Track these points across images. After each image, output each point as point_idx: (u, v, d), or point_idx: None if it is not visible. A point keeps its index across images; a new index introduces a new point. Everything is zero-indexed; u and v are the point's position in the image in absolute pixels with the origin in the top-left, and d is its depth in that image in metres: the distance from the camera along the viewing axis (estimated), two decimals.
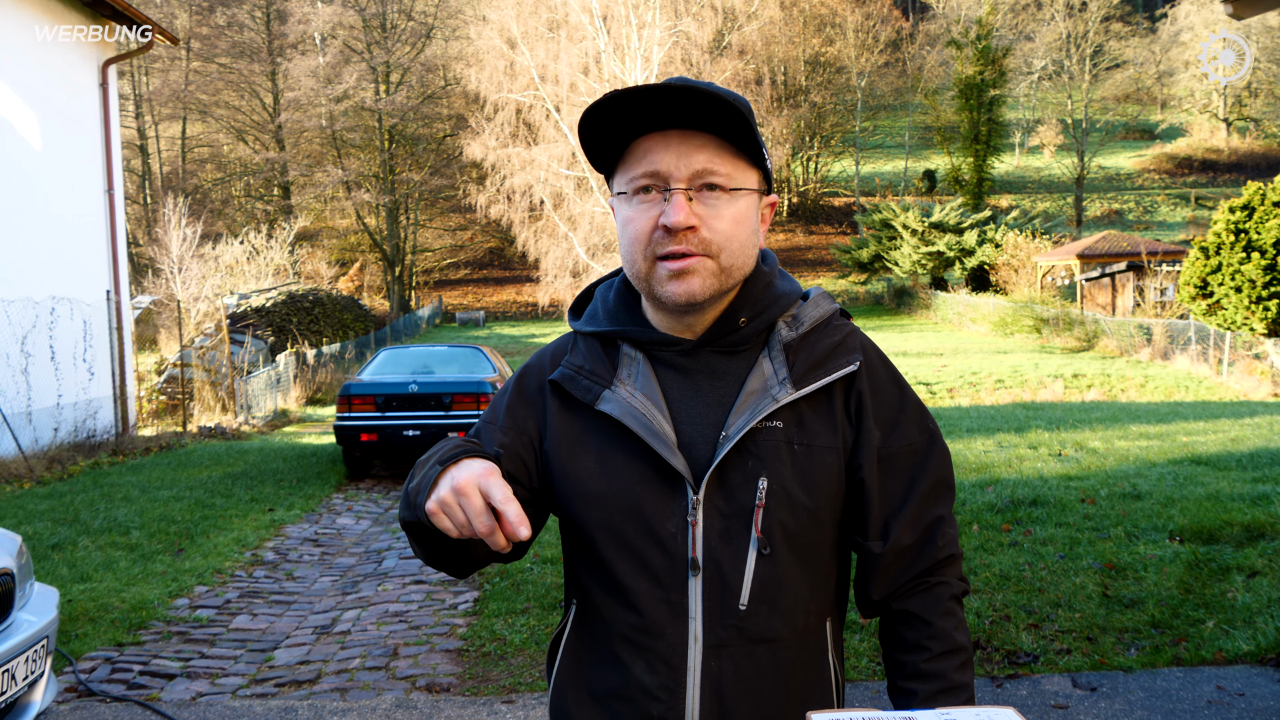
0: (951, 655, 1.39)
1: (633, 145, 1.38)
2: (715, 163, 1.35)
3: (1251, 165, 62.72)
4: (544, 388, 1.48)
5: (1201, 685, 4.28)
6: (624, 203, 1.40)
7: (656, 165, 1.35)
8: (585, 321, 1.50)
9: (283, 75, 51.08)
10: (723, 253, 1.36)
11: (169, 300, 27.40)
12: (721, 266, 1.37)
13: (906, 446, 1.45)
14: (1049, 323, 33.53)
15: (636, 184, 1.37)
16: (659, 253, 1.36)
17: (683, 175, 1.34)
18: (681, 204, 1.34)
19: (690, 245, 1.35)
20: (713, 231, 1.36)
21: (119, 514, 8.89)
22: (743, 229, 1.39)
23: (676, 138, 1.35)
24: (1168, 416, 13.44)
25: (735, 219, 1.37)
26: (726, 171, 1.36)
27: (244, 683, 4.90)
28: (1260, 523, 6.43)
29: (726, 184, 1.36)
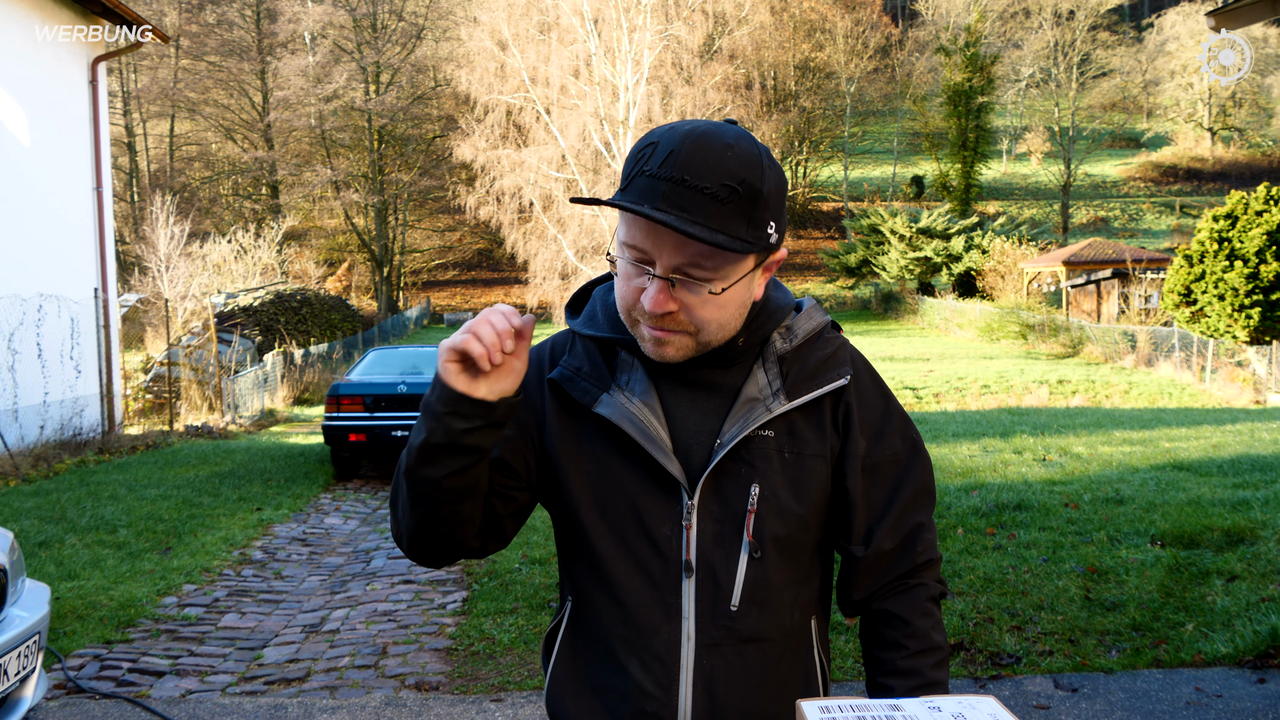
0: (928, 654, 1.45)
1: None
2: (701, 259, 1.32)
3: (1235, 174, 63.15)
4: (543, 384, 1.51)
5: (1180, 687, 4.34)
6: (619, 254, 1.39)
7: (643, 245, 1.33)
8: (584, 323, 1.52)
9: (272, 74, 50.97)
10: (701, 332, 1.37)
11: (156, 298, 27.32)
12: (699, 342, 1.39)
13: (890, 456, 1.50)
14: (1035, 329, 33.71)
15: (626, 252, 1.36)
16: (640, 319, 1.38)
17: (665, 265, 1.32)
18: (658, 292, 1.33)
19: (668, 325, 1.36)
20: (692, 316, 1.36)
21: (106, 512, 8.89)
22: (725, 312, 1.37)
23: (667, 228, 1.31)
24: (1151, 423, 13.55)
25: (719, 305, 1.36)
26: (713, 267, 1.33)
27: (233, 680, 4.93)
28: (1240, 528, 6.51)
29: (713, 279, 1.34)
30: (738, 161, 1.30)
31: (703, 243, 1.28)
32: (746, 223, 1.31)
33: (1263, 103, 68.94)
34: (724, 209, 1.29)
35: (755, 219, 1.32)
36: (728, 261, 1.33)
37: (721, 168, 1.29)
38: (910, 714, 1.13)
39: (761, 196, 1.32)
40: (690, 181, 1.28)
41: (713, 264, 1.32)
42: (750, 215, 1.31)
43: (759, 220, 1.33)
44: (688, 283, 1.33)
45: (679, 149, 1.30)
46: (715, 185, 1.28)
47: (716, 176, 1.29)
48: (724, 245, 1.28)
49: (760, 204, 1.32)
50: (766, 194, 1.33)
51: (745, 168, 1.31)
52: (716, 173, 1.29)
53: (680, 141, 1.30)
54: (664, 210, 1.28)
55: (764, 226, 1.34)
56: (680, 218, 1.27)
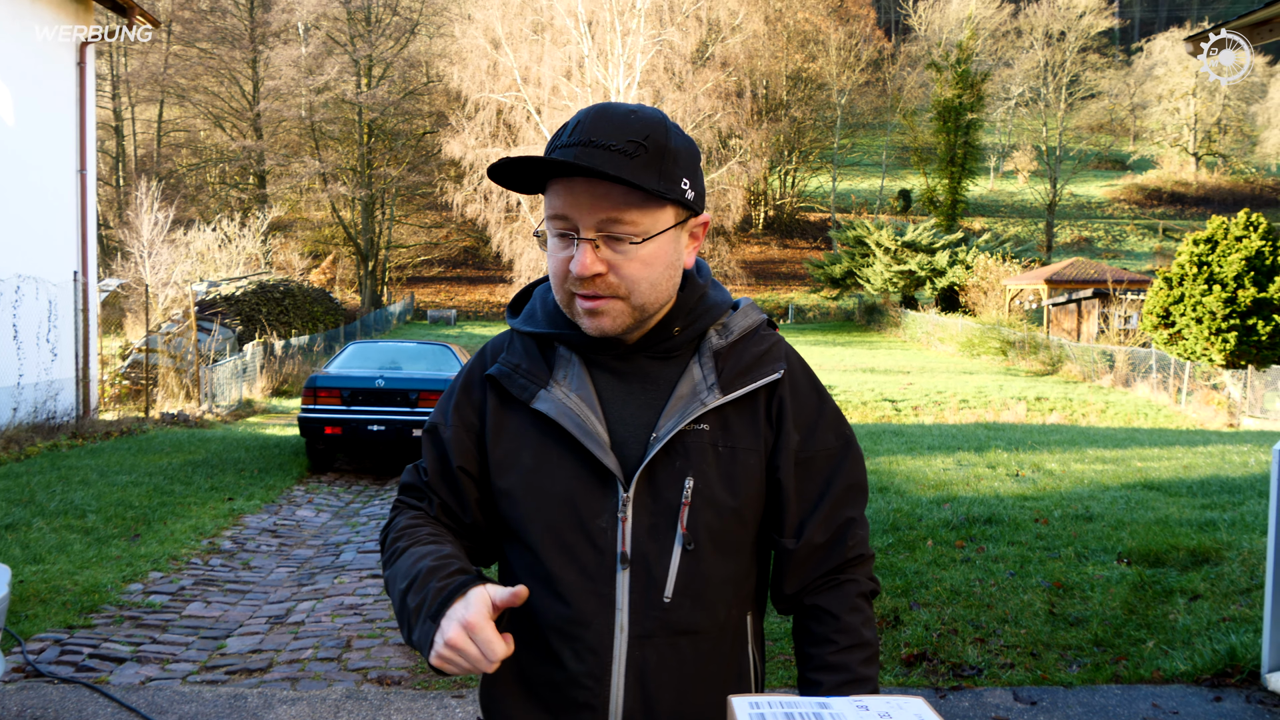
0: (857, 649, 1.46)
1: (549, 182, 1.42)
2: (621, 212, 1.37)
3: (1218, 200, 63.69)
4: (485, 384, 1.53)
5: (1138, 702, 4.37)
6: (548, 233, 1.44)
7: (565, 211, 1.39)
8: (524, 320, 1.55)
9: (264, 63, 50.81)
10: (632, 294, 1.41)
11: (137, 284, 27.18)
12: (633, 306, 1.42)
13: (823, 450, 1.52)
14: (1015, 345, 33.89)
15: (553, 225, 1.42)
16: (574, 290, 1.41)
17: (589, 225, 1.38)
18: (587, 254, 1.38)
19: (599, 289, 1.40)
20: (621, 276, 1.40)
21: (76, 497, 8.83)
22: (653, 269, 1.41)
23: (583, 186, 1.37)
24: (1124, 442, 13.65)
25: (645, 261, 1.40)
26: (633, 219, 1.38)
27: (194, 669, 4.91)
28: (1206, 548, 6.56)
29: (634, 232, 1.39)
30: (640, 123, 1.40)
31: (615, 182, 1.35)
32: (657, 174, 1.38)
33: (1247, 130, 69.58)
34: (633, 162, 1.36)
35: (665, 171, 1.39)
36: (645, 213, 1.39)
37: (625, 127, 1.39)
38: (838, 712, 1.14)
39: (669, 151, 1.40)
40: (598, 141, 1.37)
41: (630, 216, 1.38)
42: (659, 167, 1.39)
43: (669, 173, 1.40)
44: (611, 241, 1.39)
45: (584, 120, 1.40)
46: (621, 142, 1.37)
47: (621, 135, 1.38)
48: (636, 185, 1.35)
49: (668, 157, 1.40)
50: (675, 150, 1.41)
51: (648, 127, 1.40)
52: (621, 132, 1.38)
53: (585, 114, 1.41)
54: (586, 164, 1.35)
55: (675, 180, 1.41)
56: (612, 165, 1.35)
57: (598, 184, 1.37)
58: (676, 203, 1.42)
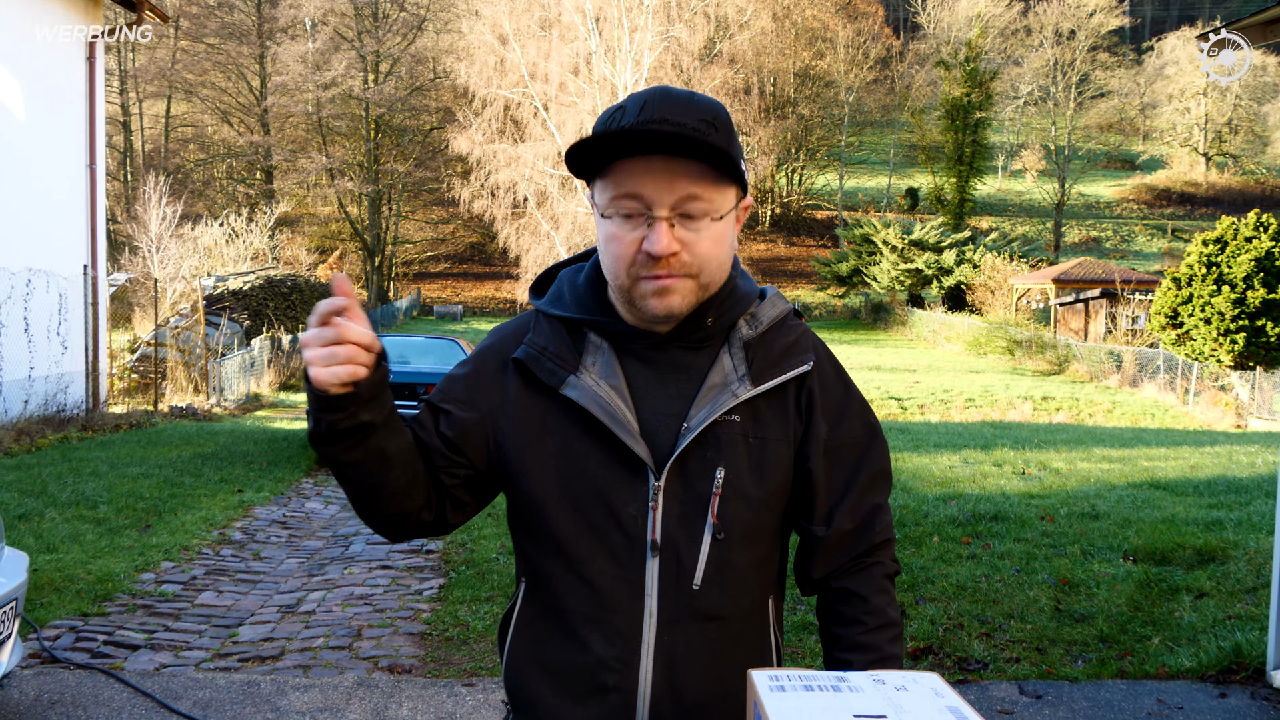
0: (885, 629, 1.50)
1: (615, 163, 1.40)
2: (697, 189, 1.38)
3: (1228, 200, 63.53)
4: (506, 365, 1.53)
5: (1143, 698, 4.40)
6: (607, 219, 1.43)
7: (640, 190, 1.37)
8: (551, 303, 1.55)
9: (271, 59, 50.89)
10: (702, 273, 1.43)
11: (145, 278, 27.27)
12: (700, 284, 1.44)
13: (850, 440, 1.54)
14: (1022, 345, 33.85)
15: (619, 206, 1.40)
16: (643, 274, 1.41)
17: (666, 203, 1.37)
18: (665, 233, 1.37)
19: (673, 268, 1.40)
20: (694, 255, 1.41)
21: (87, 488, 8.89)
22: (721, 248, 1.44)
23: (660, 164, 1.37)
24: (1131, 442, 13.66)
25: (716, 240, 1.42)
26: (709, 197, 1.39)
27: (207, 656, 4.96)
28: (1212, 547, 6.59)
29: (709, 210, 1.40)
30: (705, 103, 1.42)
31: (711, 154, 1.35)
32: (729, 150, 1.39)
33: (1258, 130, 69.37)
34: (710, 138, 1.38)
35: (735, 149, 1.42)
36: (719, 191, 1.41)
37: (693, 108, 1.40)
38: (855, 684, 1.17)
39: (733, 130, 1.43)
40: (672, 119, 1.37)
41: (708, 194, 1.40)
42: (730, 144, 1.41)
43: (737, 151, 1.42)
44: (685, 219, 1.40)
45: (650, 100, 1.39)
46: (695, 121, 1.38)
47: (694, 114, 1.39)
48: (729, 153, 1.36)
49: (734, 136, 1.43)
50: (732, 129, 1.43)
51: (714, 107, 1.42)
52: (692, 112, 1.39)
53: (649, 95, 1.41)
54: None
55: (740, 159, 1.42)
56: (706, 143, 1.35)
57: (675, 161, 1.37)
58: (740, 182, 1.45)
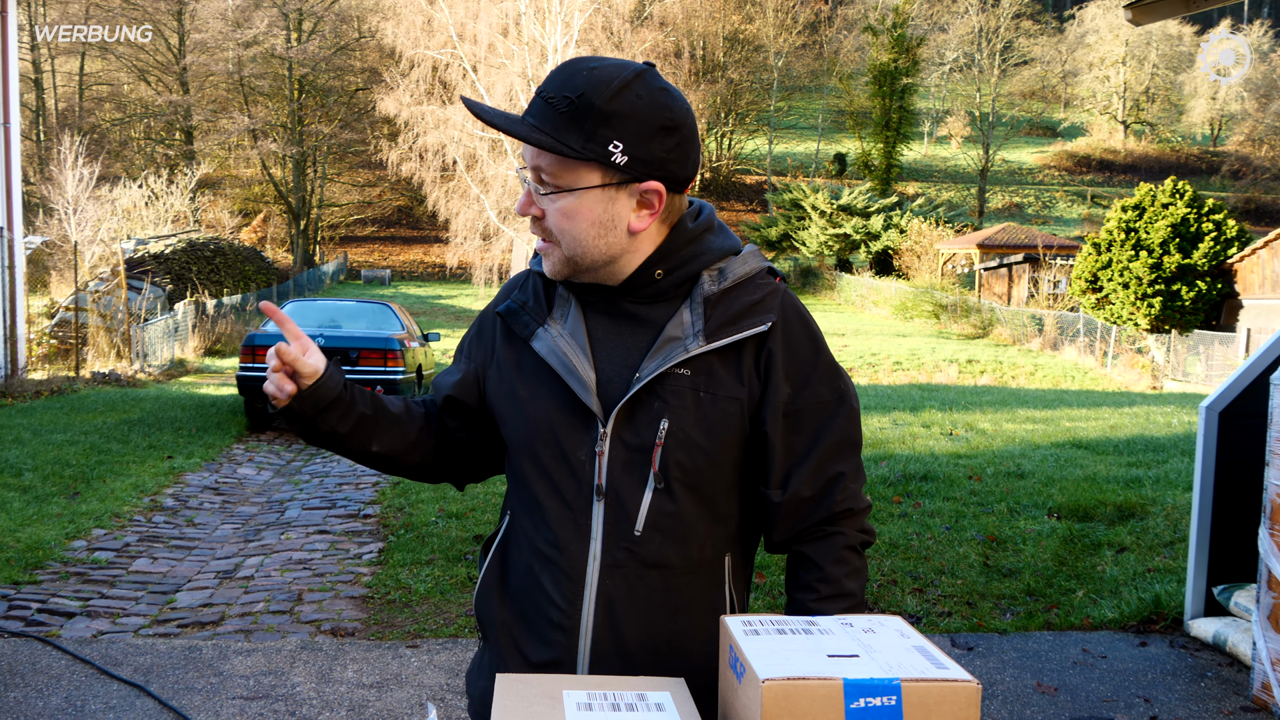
0: (838, 599, 1.52)
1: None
2: (541, 162, 1.46)
3: (1145, 168, 65.02)
4: (496, 321, 1.63)
5: (1069, 648, 4.58)
6: None
7: (522, 155, 1.50)
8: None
9: (190, 16, 49.44)
10: (561, 243, 1.48)
11: (62, 241, 26.49)
12: (565, 255, 1.49)
13: (814, 404, 1.55)
14: (947, 309, 34.47)
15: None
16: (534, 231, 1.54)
17: (530, 170, 1.49)
18: (526, 195, 1.49)
19: (540, 232, 1.51)
20: (550, 223, 1.49)
21: (10, 455, 8.69)
22: (576, 224, 1.46)
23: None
24: (1053, 403, 14.04)
25: (566, 214, 1.46)
26: (551, 171, 1.45)
27: (145, 623, 4.91)
28: (1131, 503, 6.84)
29: (554, 183, 1.46)
30: (587, 78, 1.42)
31: (517, 138, 1.43)
32: (579, 133, 1.41)
33: (1174, 99, 70.99)
34: (559, 116, 1.42)
35: (589, 132, 1.41)
36: (564, 169, 1.45)
37: (569, 82, 1.43)
38: (825, 627, 1.23)
39: (599, 112, 1.41)
40: (543, 92, 1.44)
41: (550, 170, 1.45)
42: (583, 126, 1.41)
43: (595, 134, 1.41)
44: (539, 191, 1.48)
45: (559, 66, 1.47)
46: (556, 96, 1.43)
47: (560, 89, 1.43)
48: (535, 142, 1.42)
49: (595, 117, 1.41)
50: (610, 112, 1.41)
51: (591, 85, 1.42)
52: (564, 86, 1.43)
53: (564, 63, 1.47)
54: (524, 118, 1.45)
55: (603, 143, 1.42)
56: (521, 122, 1.44)
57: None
58: (596, 163, 1.43)
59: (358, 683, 4.06)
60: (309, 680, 4.07)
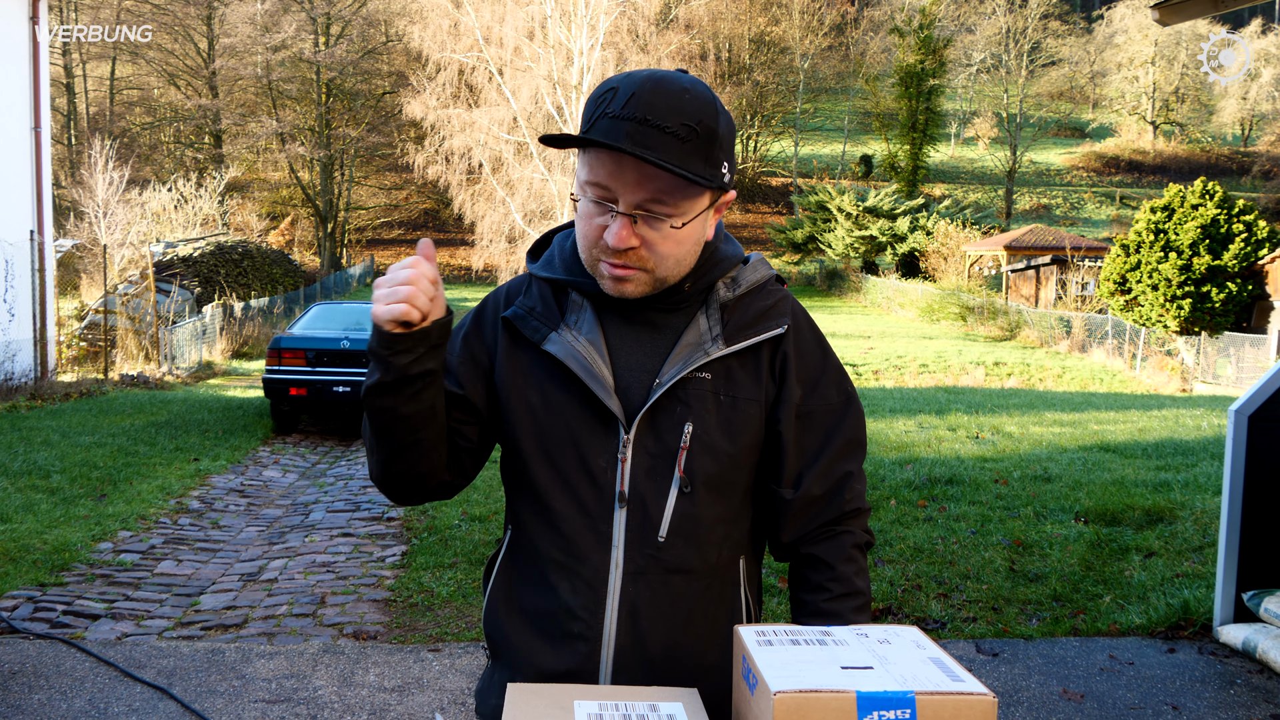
0: (850, 597, 1.53)
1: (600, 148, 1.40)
2: (664, 194, 1.40)
3: (1175, 168, 64.41)
4: (498, 323, 1.58)
5: (1095, 654, 4.53)
6: (581, 194, 1.46)
7: (607, 182, 1.40)
8: (542, 266, 1.60)
9: (219, 20, 49.86)
10: (658, 268, 1.46)
11: (92, 245, 26.74)
12: (657, 278, 1.47)
13: (824, 406, 1.57)
14: (974, 311, 34.25)
15: (590, 191, 1.43)
16: (602, 257, 1.45)
17: (630, 201, 1.40)
18: (624, 228, 1.40)
19: (629, 261, 1.44)
20: (652, 252, 1.43)
21: (39, 457, 8.77)
22: (683, 247, 1.46)
23: (630, 163, 1.38)
24: (1081, 406, 13.91)
25: (677, 242, 1.44)
26: (674, 203, 1.41)
27: (170, 625, 4.94)
28: (1160, 508, 6.76)
29: (673, 214, 1.41)
30: (694, 104, 1.39)
31: (671, 174, 1.37)
32: (704, 160, 1.40)
33: (1204, 99, 70.30)
34: (685, 147, 1.37)
35: (712, 157, 1.41)
36: (687, 197, 1.42)
37: (680, 109, 1.38)
38: (840, 638, 1.21)
39: (717, 137, 1.41)
40: (653, 121, 1.36)
41: (673, 200, 1.41)
42: (708, 154, 1.40)
43: (715, 159, 1.42)
44: (649, 219, 1.41)
45: (640, 92, 1.38)
46: (676, 125, 1.37)
47: (676, 117, 1.37)
48: (690, 178, 1.36)
49: (716, 144, 1.41)
50: (721, 135, 1.42)
51: (701, 110, 1.40)
52: (676, 114, 1.37)
53: (640, 86, 1.39)
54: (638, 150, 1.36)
55: (719, 165, 1.43)
56: (657, 156, 1.35)
57: (646, 164, 1.37)
58: (717, 187, 1.44)
59: (379, 686, 4.06)
60: (331, 684, 4.07)
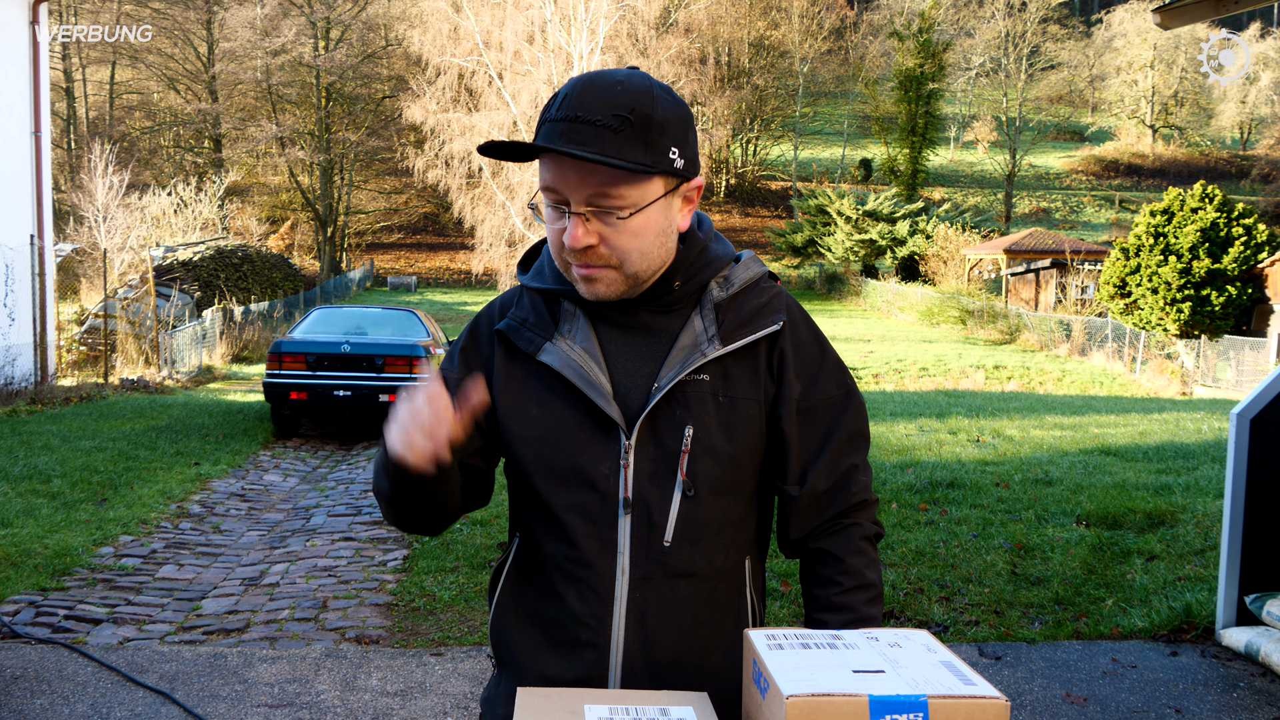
0: (861, 590, 1.53)
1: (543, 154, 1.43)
2: (608, 188, 1.39)
3: (1174, 172, 64.46)
4: (493, 337, 1.58)
5: (1098, 657, 4.52)
6: (543, 203, 1.48)
7: (557, 185, 1.41)
8: (532, 277, 1.60)
9: (219, 24, 49.89)
10: (624, 264, 1.45)
11: (92, 249, 26.73)
12: (626, 274, 1.46)
13: (825, 400, 1.57)
14: (974, 315, 34.26)
15: (546, 196, 1.45)
16: (570, 260, 1.46)
17: (579, 199, 1.40)
18: (578, 227, 1.41)
19: (592, 260, 1.44)
20: (611, 248, 1.43)
21: (39, 462, 8.76)
22: (643, 239, 1.44)
23: (570, 162, 1.39)
24: (1081, 409, 13.91)
25: (635, 232, 1.43)
26: (620, 194, 1.40)
27: (171, 630, 4.93)
28: (1161, 511, 6.76)
29: (623, 204, 1.41)
30: (627, 94, 1.40)
31: (604, 165, 1.37)
32: (643, 147, 1.39)
33: (1203, 103, 70.41)
34: (618, 137, 1.38)
35: (651, 143, 1.40)
36: (633, 186, 1.41)
37: (611, 101, 1.39)
38: (850, 642, 1.21)
39: (654, 122, 1.40)
40: (583, 117, 1.37)
41: (617, 191, 1.40)
42: (646, 140, 1.40)
43: (656, 144, 1.41)
44: (600, 213, 1.42)
45: (572, 92, 1.40)
46: (606, 117, 1.38)
47: (607, 109, 1.38)
48: (622, 166, 1.36)
49: (654, 129, 1.40)
50: (661, 120, 1.41)
51: (635, 98, 1.40)
52: (607, 106, 1.38)
53: (574, 86, 1.41)
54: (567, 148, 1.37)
55: (663, 151, 1.42)
56: (587, 150, 1.36)
57: (584, 161, 1.38)
58: (665, 173, 1.43)
59: (382, 691, 4.06)
60: (333, 688, 4.07)
